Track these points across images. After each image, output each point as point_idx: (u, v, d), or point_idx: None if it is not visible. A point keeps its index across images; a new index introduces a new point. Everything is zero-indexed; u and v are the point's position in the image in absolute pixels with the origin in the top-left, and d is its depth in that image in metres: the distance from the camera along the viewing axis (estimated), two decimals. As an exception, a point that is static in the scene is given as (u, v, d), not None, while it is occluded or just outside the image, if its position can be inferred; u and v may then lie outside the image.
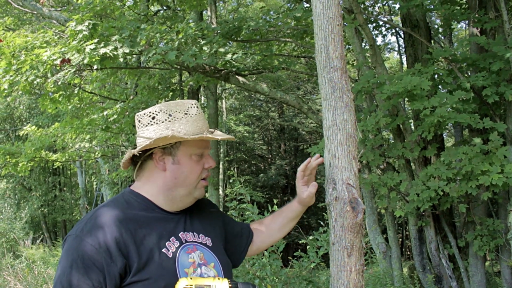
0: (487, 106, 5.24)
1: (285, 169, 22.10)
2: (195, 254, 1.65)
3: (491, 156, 4.71)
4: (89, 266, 1.46)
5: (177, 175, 1.63)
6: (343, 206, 1.74)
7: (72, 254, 1.49)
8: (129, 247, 1.50)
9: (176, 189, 1.65)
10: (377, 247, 6.34)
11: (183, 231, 1.67)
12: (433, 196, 4.71)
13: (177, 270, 1.56)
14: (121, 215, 1.57)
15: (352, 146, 1.82)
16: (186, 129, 1.60)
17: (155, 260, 1.53)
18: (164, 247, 1.57)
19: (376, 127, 5.17)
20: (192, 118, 1.63)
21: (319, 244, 3.82)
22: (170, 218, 1.67)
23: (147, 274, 1.50)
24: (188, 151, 1.63)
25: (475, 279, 5.46)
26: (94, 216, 1.57)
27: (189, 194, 1.68)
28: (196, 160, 1.65)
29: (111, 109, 7.95)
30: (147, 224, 1.59)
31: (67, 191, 21.83)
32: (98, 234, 1.50)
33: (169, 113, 1.61)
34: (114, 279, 1.47)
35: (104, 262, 1.47)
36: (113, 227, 1.52)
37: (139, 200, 1.65)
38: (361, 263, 1.79)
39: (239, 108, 22.99)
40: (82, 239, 1.50)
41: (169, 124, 1.60)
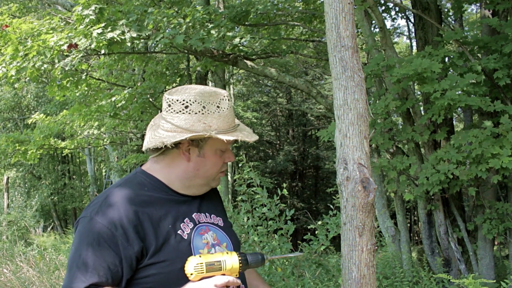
0: (498, 89, 5.18)
1: (293, 155, 22.10)
2: (208, 235, 1.65)
3: (501, 139, 4.67)
4: (105, 248, 1.45)
5: (199, 167, 1.63)
6: (355, 185, 1.73)
7: (87, 236, 1.48)
8: (146, 230, 1.50)
9: (195, 179, 1.65)
10: (386, 230, 6.34)
11: (196, 212, 1.68)
12: (442, 180, 4.69)
13: (192, 251, 1.57)
14: (135, 196, 1.56)
15: (363, 125, 1.80)
16: (217, 125, 1.58)
17: (171, 242, 1.53)
18: (180, 229, 1.58)
19: (385, 111, 5.14)
20: (224, 112, 1.60)
21: (328, 227, 3.82)
22: (183, 200, 1.66)
23: (163, 257, 1.50)
24: (215, 146, 1.63)
25: (484, 262, 5.46)
26: (108, 198, 1.55)
27: (207, 184, 1.69)
28: (219, 155, 1.66)
29: (119, 95, 7.95)
30: (162, 206, 1.59)
31: (76, 179, 21.98)
32: (114, 216, 1.49)
33: (203, 105, 1.57)
34: (131, 261, 1.47)
35: (121, 245, 1.46)
36: (128, 209, 1.51)
37: (153, 182, 1.64)
38: (373, 242, 1.78)
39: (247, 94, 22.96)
40: (97, 221, 1.48)
41: (202, 117, 1.56)
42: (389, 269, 5.56)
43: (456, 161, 4.68)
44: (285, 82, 6.69)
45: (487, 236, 5.31)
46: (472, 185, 5.18)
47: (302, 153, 23.02)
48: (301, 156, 22.95)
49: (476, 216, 5.51)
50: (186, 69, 9.68)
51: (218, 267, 1.48)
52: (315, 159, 22.40)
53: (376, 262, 5.22)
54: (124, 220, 1.48)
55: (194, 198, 1.71)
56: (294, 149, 22.49)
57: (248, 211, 3.97)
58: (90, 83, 8.29)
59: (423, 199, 5.67)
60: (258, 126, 22.89)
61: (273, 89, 23.04)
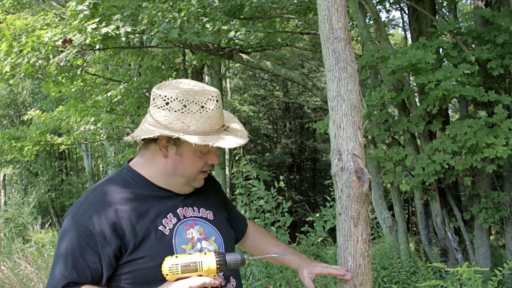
0: (492, 79, 5.21)
1: (290, 147, 22.12)
2: (194, 229, 1.64)
3: (496, 129, 4.70)
4: (84, 247, 1.47)
5: (177, 165, 1.61)
6: (349, 176, 1.75)
7: (67, 234, 1.50)
8: (125, 228, 1.50)
9: (175, 177, 1.63)
10: (384, 221, 6.37)
11: (182, 206, 1.66)
12: (438, 170, 4.72)
13: (174, 246, 1.55)
14: (116, 194, 1.57)
15: (357, 116, 1.82)
16: (197, 126, 1.52)
17: (151, 238, 1.52)
18: (161, 225, 1.57)
19: (381, 102, 5.16)
20: (208, 114, 1.54)
21: (326, 219, 3.84)
22: (168, 196, 1.65)
23: (142, 253, 1.50)
24: (193, 147, 1.56)
25: (480, 251, 5.50)
26: (90, 196, 1.57)
27: (187, 184, 1.66)
28: (199, 156, 1.61)
29: (115, 90, 7.94)
30: (143, 202, 1.58)
31: (73, 175, 21.96)
32: (92, 214, 1.50)
33: (184, 104, 1.52)
34: (109, 259, 1.48)
35: (99, 243, 1.47)
36: (108, 208, 1.51)
37: (136, 179, 1.64)
38: (368, 232, 1.80)
39: (243, 88, 22.92)
40: (77, 220, 1.51)
41: (181, 116, 1.52)
42: (387, 259, 5.60)
43: (451, 151, 4.71)
44: (281, 75, 6.70)
45: (483, 226, 5.35)
46: (467, 175, 5.21)
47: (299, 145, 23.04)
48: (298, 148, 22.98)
49: (472, 205, 5.55)
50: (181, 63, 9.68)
51: (194, 268, 1.46)
52: (313, 151, 22.42)
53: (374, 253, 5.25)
54: (102, 218, 1.49)
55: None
56: (292, 142, 22.51)
57: (245, 204, 3.99)
58: (86, 79, 8.29)
59: (420, 189, 5.71)
60: (255, 119, 22.88)
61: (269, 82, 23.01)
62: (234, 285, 1.69)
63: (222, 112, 1.63)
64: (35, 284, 5.76)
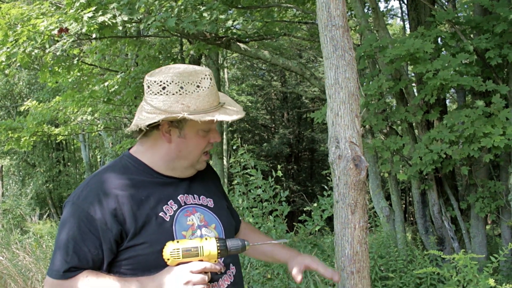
0: (490, 69, 5.21)
1: (288, 138, 22.12)
2: (194, 216, 1.64)
3: (493, 119, 4.71)
4: (85, 232, 1.48)
5: (181, 148, 1.62)
6: (346, 164, 1.75)
7: (68, 220, 1.51)
8: (125, 214, 1.51)
9: (179, 160, 1.64)
10: (381, 211, 6.39)
11: (183, 193, 1.67)
12: (435, 159, 4.73)
13: (174, 233, 1.56)
14: (117, 180, 1.57)
15: (355, 104, 1.82)
16: (196, 105, 1.54)
17: (151, 225, 1.53)
18: (162, 211, 1.57)
19: (379, 92, 5.15)
20: (204, 92, 1.56)
21: (323, 208, 3.85)
22: (169, 182, 1.66)
23: (143, 239, 1.51)
24: (195, 126, 1.60)
25: (476, 240, 5.53)
26: (91, 183, 1.58)
27: (191, 166, 1.67)
28: (202, 136, 1.63)
29: (112, 80, 7.91)
30: (144, 189, 1.59)
31: (71, 166, 21.94)
32: (93, 200, 1.51)
33: (181, 85, 1.54)
34: (110, 245, 1.49)
35: (100, 229, 1.48)
36: (109, 194, 1.52)
37: (137, 165, 1.65)
38: (365, 220, 1.81)
39: (241, 78, 22.88)
40: (78, 206, 1.52)
41: (180, 98, 1.53)
42: (384, 248, 5.62)
43: (448, 140, 4.72)
44: (278, 64, 6.68)
45: (480, 215, 5.37)
46: (464, 164, 5.22)
47: (297, 136, 23.04)
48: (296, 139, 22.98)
49: (469, 195, 5.57)
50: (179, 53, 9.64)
51: (195, 253, 1.47)
52: (310, 141, 22.43)
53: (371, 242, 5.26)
54: (103, 204, 1.50)
55: (182, 179, 1.70)
56: (289, 132, 22.51)
57: (243, 193, 3.99)
58: (83, 69, 8.25)
59: (417, 179, 5.72)
60: (253, 109, 22.85)
61: (267, 72, 22.96)
62: (233, 272, 1.70)
63: (217, 90, 1.65)
64: (33, 275, 5.77)
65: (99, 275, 1.49)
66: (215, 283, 1.60)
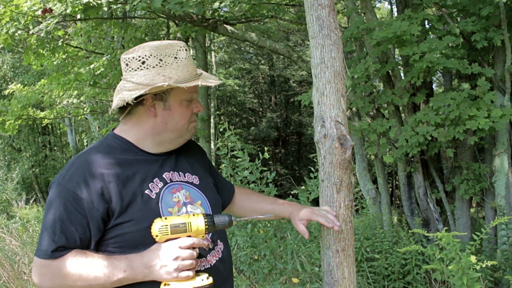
0: (475, 52, 5.24)
1: (276, 121, 22.13)
2: (180, 193, 1.65)
3: (478, 101, 4.75)
4: (72, 212, 1.48)
5: (167, 120, 1.63)
6: (332, 143, 1.75)
7: (55, 200, 1.51)
8: (111, 192, 1.51)
9: (166, 133, 1.65)
10: (367, 193, 6.45)
11: (169, 171, 1.67)
12: (421, 141, 4.77)
13: (160, 210, 1.57)
14: (102, 160, 1.57)
15: (340, 84, 1.82)
16: (177, 75, 1.57)
17: (137, 202, 1.54)
18: (147, 189, 1.58)
19: (365, 74, 5.17)
20: (183, 62, 1.59)
21: (310, 189, 3.87)
22: (154, 160, 1.66)
23: (129, 216, 1.51)
24: (179, 97, 1.61)
25: (461, 222, 5.61)
26: (76, 163, 1.58)
27: (180, 137, 1.68)
28: (186, 106, 1.64)
29: (98, 62, 7.82)
30: (129, 167, 1.59)
31: (57, 150, 21.75)
32: (79, 179, 1.51)
33: (160, 58, 1.57)
34: (97, 223, 1.49)
35: (87, 207, 1.48)
36: (94, 173, 1.52)
37: (122, 144, 1.65)
38: (350, 199, 1.82)
39: (228, 62, 22.75)
40: (64, 186, 1.51)
41: (160, 70, 1.56)
42: (370, 230, 5.68)
43: (434, 123, 4.75)
44: (265, 47, 6.65)
45: (464, 197, 5.45)
46: (450, 146, 5.28)
47: (284, 119, 23.05)
48: (284, 122, 23.00)
49: (454, 177, 5.63)
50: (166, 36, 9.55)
51: (183, 228, 1.49)
52: (298, 125, 22.46)
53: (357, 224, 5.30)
54: (89, 183, 1.50)
55: (168, 157, 1.71)
56: (277, 116, 22.50)
57: (230, 175, 4.00)
58: (68, 51, 8.14)
59: (403, 161, 5.77)
60: (241, 93, 22.80)
61: (255, 56, 22.86)
62: (221, 248, 1.71)
63: (193, 61, 1.67)
64: (20, 258, 5.75)
65: (87, 254, 1.49)
66: (203, 259, 1.62)
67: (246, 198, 2.04)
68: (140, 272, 1.48)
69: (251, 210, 2.00)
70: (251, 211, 2.00)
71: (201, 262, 1.60)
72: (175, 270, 1.46)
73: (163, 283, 1.48)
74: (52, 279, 1.48)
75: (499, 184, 5.19)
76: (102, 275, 1.47)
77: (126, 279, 1.49)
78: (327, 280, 1.83)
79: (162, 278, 1.48)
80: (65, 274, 1.46)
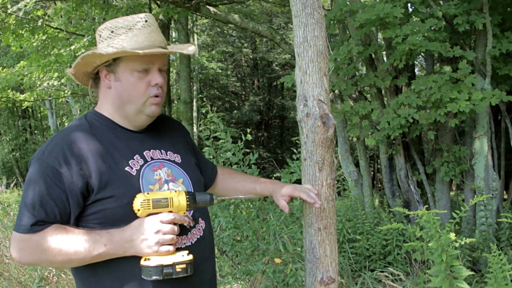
0: (457, 35, 5.27)
1: (258, 105, 22.08)
2: (162, 171, 1.64)
3: (459, 84, 4.80)
4: (51, 186, 1.47)
5: (120, 92, 1.60)
6: (314, 121, 1.75)
7: (34, 175, 1.50)
8: (91, 168, 1.50)
9: (125, 106, 1.62)
10: (349, 175, 6.50)
11: (149, 149, 1.66)
12: (403, 124, 4.81)
13: (141, 187, 1.56)
14: (82, 136, 1.56)
15: (323, 62, 1.81)
16: (123, 45, 1.54)
17: (117, 179, 1.53)
18: (127, 166, 1.57)
19: (348, 56, 5.18)
20: (133, 32, 1.55)
21: (292, 170, 3.89)
22: (134, 137, 1.65)
23: (109, 193, 1.51)
24: (128, 67, 1.57)
25: (441, 203, 5.70)
26: (56, 138, 1.57)
27: (140, 112, 1.62)
28: (138, 77, 1.58)
29: (79, 44, 7.71)
30: (109, 144, 1.58)
31: (38, 134, 21.47)
32: (58, 154, 1.50)
33: (112, 30, 1.56)
34: (77, 198, 1.49)
35: (66, 182, 1.47)
36: (74, 149, 1.51)
37: (101, 120, 1.64)
38: (332, 177, 1.83)
39: (211, 45, 22.58)
40: (43, 161, 1.50)
41: (110, 41, 1.56)
42: (352, 211, 5.75)
43: (416, 105, 4.80)
44: (248, 29, 6.62)
45: (445, 179, 5.53)
46: (431, 129, 5.33)
47: (267, 103, 23.00)
48: (266, 106, 22.95)
49: (435, 159, 5.71)
50: (147, 17, 9.40)
51: (164, 203, 1.50)
52: (281, 109, 22.45)
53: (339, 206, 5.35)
54: (68, 157, 1.50)
55: (148, 134, 1.70)
56: (260, 99, 22.44)
57: (212, 157, 4.00)
58: (48, 32, 7.99)
59: (385, 143, 5.82)
60: (223, 76, 22.67)
61: (237, 39, 22.71)
62: (203, 226, 1.71)
63: (157, 34, 1.62)
64: (1, 241, 5.72)
65: (67, 229, 1.49)
66: (184, 237, 1.61)
67: (228, 177, 2.03)
68: (121, 247, 1.48)
69: (233, 190, 1.99)
70: (234, 190, 1.99)
71: (181, 240, 1.60)
72: (156, 244, 1.47)
73: (143, 257, 1.49)
74: (32, 253, 1.48)
75: (478, 166, 5.28)
76: (82, 249, 1.46)
77: (106, 254, 1.49)
78: (309, 258, 1.85)
79: (143, 252, 1.48)
80: (45, 248, 1.45)
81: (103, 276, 1.55)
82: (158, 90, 1.62)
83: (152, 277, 1.47)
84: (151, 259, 1.48)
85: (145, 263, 1.48)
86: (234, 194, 2.01)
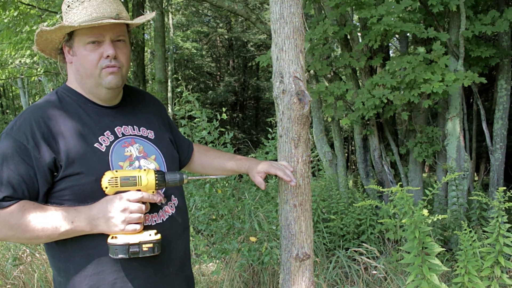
0: (431, 17, 5.32)
1: (234, 85, 21.98)
2: (133, 147, 1.64)
3: (433, 66, 4.86)
4: (19, 161, 1.46)
5: (77, 66, 1.60)
6: (290, 98, 1.75)
7: (2, 151, 1.48)
8: (60, 143, 1.49)
9: (85, 80, 1.61)
10: (324, 155, 6.56)
11: (121, 125, 1.65)
12: (377, 104, 4.86)
13: (111, 163, 1.55)
14: (52, 111, 1.55)
15: (299, 39, 1.81)
16: (73, 19, 1.54)
17: (86, 155, 1.52)
18: (97, 142, 1.56)
19: (324, 36, 5.18)
20: (84, 5, 1.55)
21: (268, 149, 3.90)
22: (106, 113, 1.64)
23: (78, 169, 1.49)
24: (81, 40, 1.56)
25: (414, 184, 5.80)
26: (25, 113, 1.55)
27: (98, 84, 1.60)
28: (91, 50, 1.56)
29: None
30: (79, 119, 1.57)
31: (10, 113, 21.03)
32: (26, 130, 1.48)
33: (68, 4, 1.57)
34: (44, 173, 1.47)
35: (33, 157, 1.46)
36: (42, 123, 1.50)
37: (72, 95, 1.62)
38: (308, 154, 1.84)
39: (186, 25, 22.28)
40: (11, 136, 1.49)
41: (65, 16, 1.57)
42: (326, 191, 5.81)
43: (390, 86, 4.84)
44: (224, 7, 6.55)
45: (418, 159, 5.62)
46: (405, 110, 5.40)
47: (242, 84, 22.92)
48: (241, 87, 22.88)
49: (408, 140, 5.79)
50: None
51: (132, 182, 1.50)
52: (256, 90, 22.40)
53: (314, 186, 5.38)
54: (36, 133, 1.48)
55: (121, 110, 1.69)
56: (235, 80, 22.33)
57: (188, 136, 3.98)
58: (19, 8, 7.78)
59: (359, 124, 5.88)
60: (198, 57, 22.47)
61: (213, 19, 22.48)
62: (176, 203, 1.71)
63: (109, 4, 1.59)
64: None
65: (36, 205, 1.47)
66: (155, 214, 1.61)
67: (204, 154, 2.03)
68: (88, 224, 1.48)
69: (209, 166, 2.00)
70: (210, 167, 1.99)
71: (152, 217, 1.60)
72: (122, 222, 1.46)
73: (110, 236, 1.48)
74: None
75: (450, 147, 5.38)
76: (49, 226, 1.46)
77: (73, 231, 1.48)
78: (285, 234, 1.86)
79: (109, 231, 1.48)
80: (12, 224, 1.44)
81: (73, 252, 1.55)
82: (111, 62, 1.58)
83: (118, 255, 1.47)
84: (118, 238, 1.48)
85: (112, 241, 1.48)
86: (210, 171, 2.01)
